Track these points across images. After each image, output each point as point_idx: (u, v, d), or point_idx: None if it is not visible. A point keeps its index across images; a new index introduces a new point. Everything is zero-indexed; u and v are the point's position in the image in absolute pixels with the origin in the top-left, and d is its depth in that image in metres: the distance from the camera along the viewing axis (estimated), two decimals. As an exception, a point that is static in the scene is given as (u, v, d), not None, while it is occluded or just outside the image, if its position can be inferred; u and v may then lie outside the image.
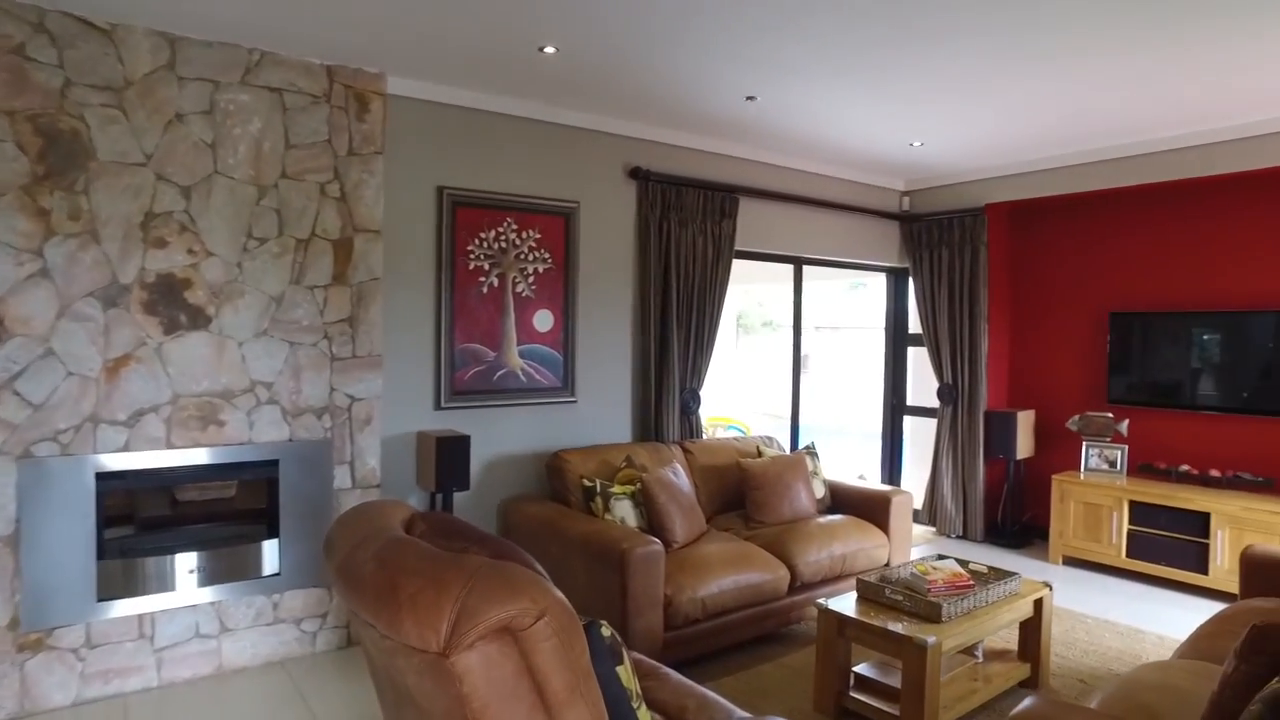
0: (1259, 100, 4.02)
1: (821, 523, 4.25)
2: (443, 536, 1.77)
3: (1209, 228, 5.02)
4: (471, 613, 1.40)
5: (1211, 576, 4.57)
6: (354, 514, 1.90)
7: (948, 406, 5.89)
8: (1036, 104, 4.15)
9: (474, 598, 1.41)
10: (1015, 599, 3.29)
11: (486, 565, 1.50)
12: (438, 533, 1.81)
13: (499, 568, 1.50)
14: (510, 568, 1.51)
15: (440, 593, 1.43)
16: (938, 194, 5.95)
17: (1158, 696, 2.25)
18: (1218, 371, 4.97)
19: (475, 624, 1.39)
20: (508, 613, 1.41)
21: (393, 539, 1.65)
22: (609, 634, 1.87)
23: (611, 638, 1.87)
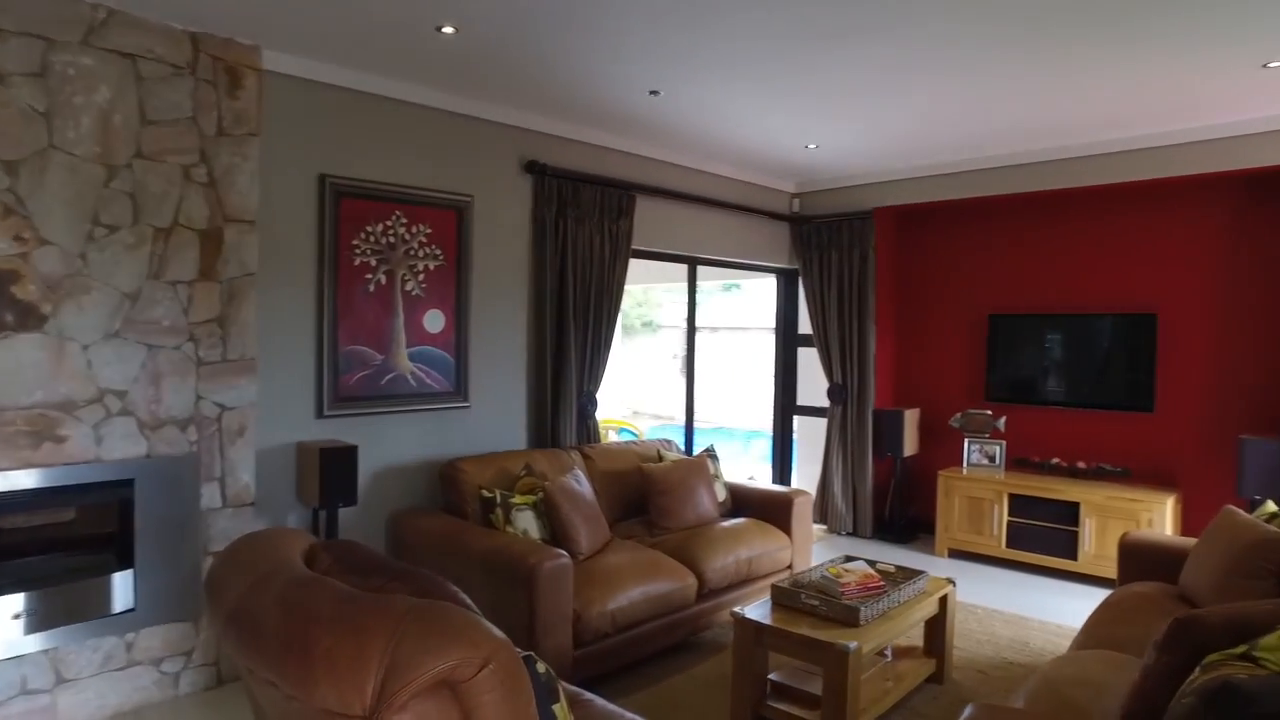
0: (1116, 120, 4.29)
1: (726, 527, 4.19)
2: (355, 572, 1.53)
3: (1075, 235, 5.33)
4: (403, 667, 1.19)
5: (1080, 562, 4.84)
6: (244, 548, 1.63)
7: (838, 406, 6.00)
8: (927, 112, 4.25)
9: (405, 648, 1.20)
10: (924, 597, 3.33)
11: (416, 608, 1.29)
12: (348, 567, 1.56)
13: (431, 610, 1.29)
14: (444, 609, 1.31)
15: (363, 644, 1.21)
16: (827, 197, 6.06)
17: (1080, 691, 2.29)
18: (1079, 370, 5.29)
19: (408, 680, 1.18)
20: (446, 663, 1.21)
21: (297, 578, 1.41)
22: (544, 669, 1.69)
23: (547, 673, 1.70)
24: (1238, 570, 2.85)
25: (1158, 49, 3.35)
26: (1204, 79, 3.68)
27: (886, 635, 3.04)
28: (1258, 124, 4.22)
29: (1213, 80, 3.70)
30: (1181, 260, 4.92)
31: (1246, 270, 4.70)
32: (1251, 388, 4.68)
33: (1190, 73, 3.61)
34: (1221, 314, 4.79)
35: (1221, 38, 3.22)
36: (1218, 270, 4.80)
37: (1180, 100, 3.98)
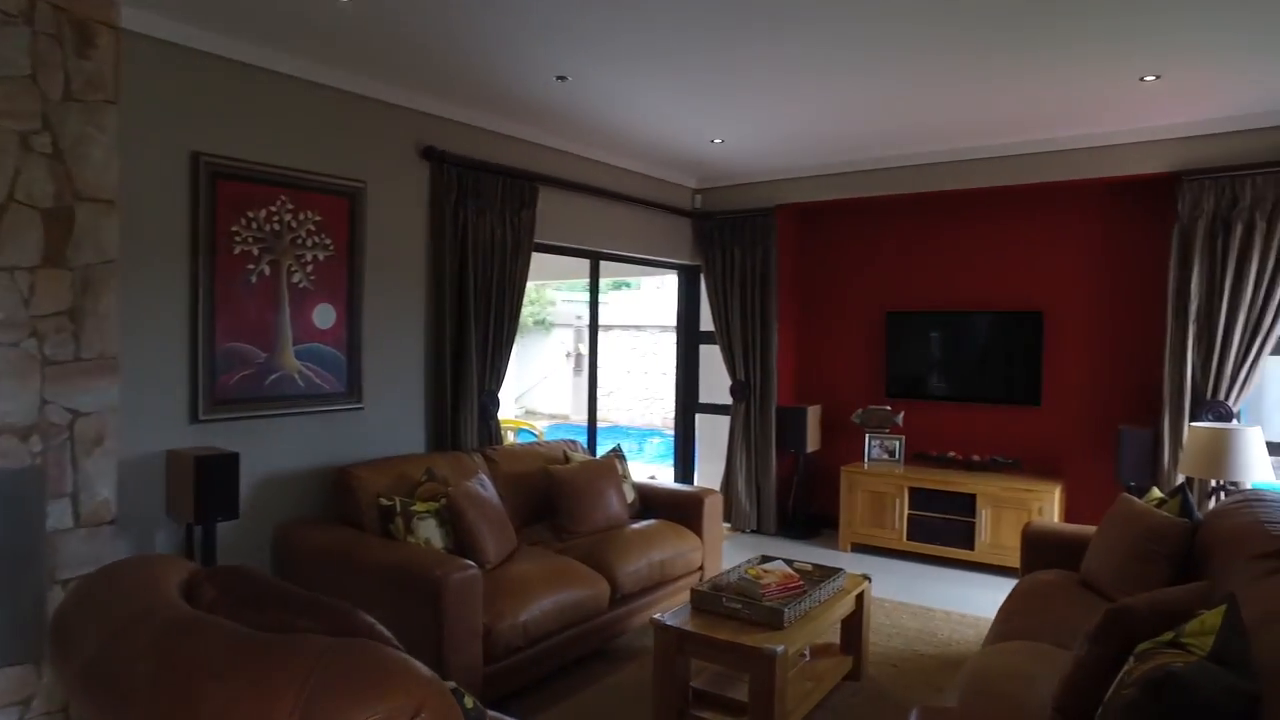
0: (1007, 126, 4.45)
1: (637, 529, 4.07)
2: (250, 606, 1.30)
3: (969, 235, 5.51)
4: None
5: (978, 552, 5.00)
6: (101, 585, 1.36)
7: (741, 403, 5.99)
8: (831, 111, 4.28)
9: (321, 702, 1.00)
10: (843, 595, 3.30)
11: (331, 650, 1.08)
12: (240, 600, 1.32)
13: (350, 652, 1.09)
14: (365, 649, 1.10)
15: (267, 700, 1.00)
16: (730, 193, 6.03)
17: (1011, 684, 2.28)
18: (972, 366, 5.48)
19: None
20: (373, 717, 1.01)
21: (176, 620, 1.17)
22: (471, 703, 1.51)
23: (475, 707, 1.51)
24: (1135, 555, 2.96)
25: (1046, 59, 3.47)
26: (1087, 89, 3.84)
27: (810, 636, 2.99)
28: (1133, 134, 4.45)
29: (1095, 91, 3.86)
30: (1065, 261, 5.16)
31: (1122, 271, 4.97)
32: (1127, 381, 4.95)
33: (1075, 83, 3.75)
34: (1100, 312, 5.06)
35: (1105, 51, 3.36)
36: (1097, 270, 5.06)
37: (1066, 109, 4.15)
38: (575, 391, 13.79)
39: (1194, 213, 4.33)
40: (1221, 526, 2.92)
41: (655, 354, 14.10)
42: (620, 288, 19.84)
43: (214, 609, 1.29)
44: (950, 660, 3.65)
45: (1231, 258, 4.22)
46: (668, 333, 13.94)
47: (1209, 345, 4.31)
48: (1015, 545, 4.82)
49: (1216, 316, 4.27)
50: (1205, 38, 3.18)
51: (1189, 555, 2.92)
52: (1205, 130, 4.28)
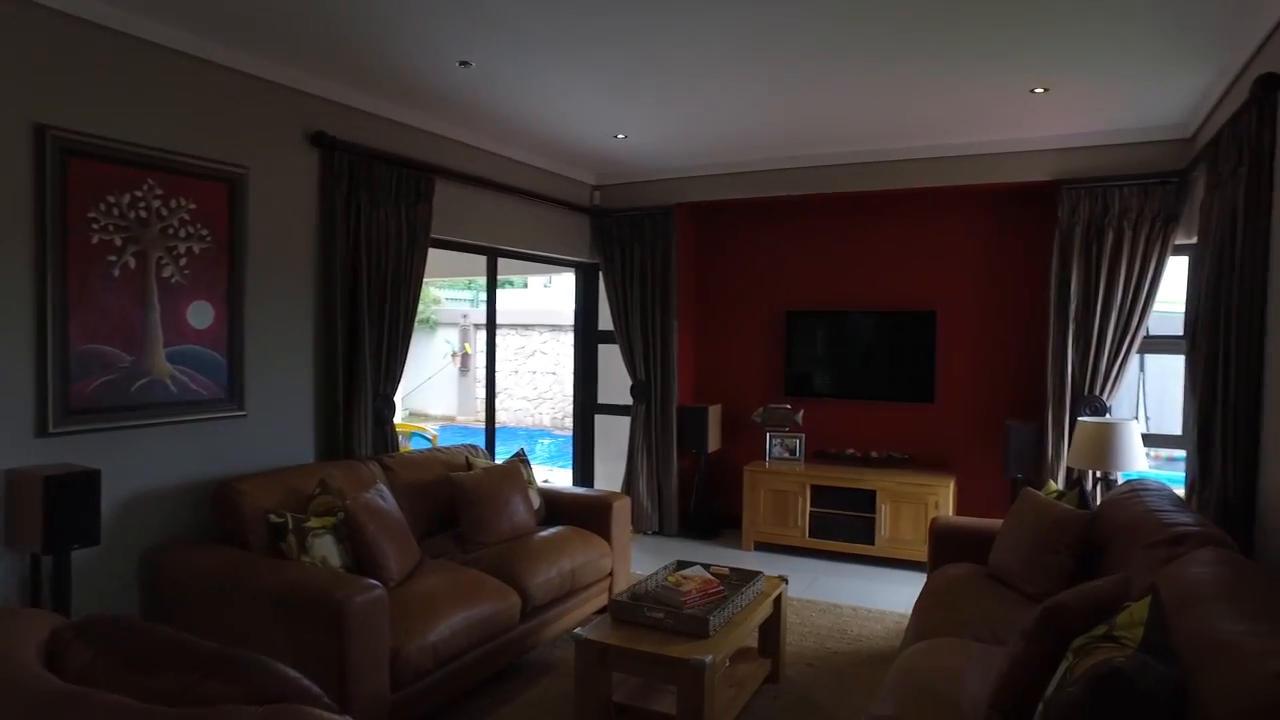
0: (905, 131, 4.57)
1: (545, 537, 3.91)
2: (139, 669, 1.07)
3: (867, 236, 5.65)
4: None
5: (878, 546, 5.12)
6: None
7: (641, 404, 5.91)
8: (735, 111, 4.27)
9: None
10: (763, 599, 3.26)
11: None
12: (126, 662, 1.10)
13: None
14: (300, 716, 0.92)
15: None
16: (629, 190, 5.94)
17: (945, 684, 2.28)
18: (869, 364, 5.62)
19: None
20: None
21: (43, 697, 0.93)
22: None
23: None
24: (1042, 547, 3.06)
25: (945, 69, 3.58)
26: (982, 99, 3.98)
27: (734, 643, 2.93)
28: (1020, 144, 4.67)
29: (989, 100, 4.01)
30: (956, 262, 5.36)
31: (1009, 273, 5.21)
32: (1014, 378, 5.20)
33: (971, 92, 3.88)
34: (989, 312, 5.29)
35: (999, 63, 3.48)
36: (986, 272, 5.29)
37: (961, 117, 4.30)
38: (461, 392, 13.38)
39: (1072, 219, 4.58)
40: (1115, 517, 3.06)
41: (543, 353, 13.90)
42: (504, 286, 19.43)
43: (91, 676, 1.06)
44: (864, 657, 3.69)
45: (1105, 262, 4.49)
46: (556, 332, 13.78)
47: (1086, 344, 4.57)
48: (914, 539, 4.99)
49: (1092, 317, 4.54)
50: (1093, 54, 3.34)
51: (1088, 545, 3.05)
52: (1083, 143, 4.53)
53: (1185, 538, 2.55)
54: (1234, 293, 3.01)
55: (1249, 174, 2.93)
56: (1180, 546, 2.52)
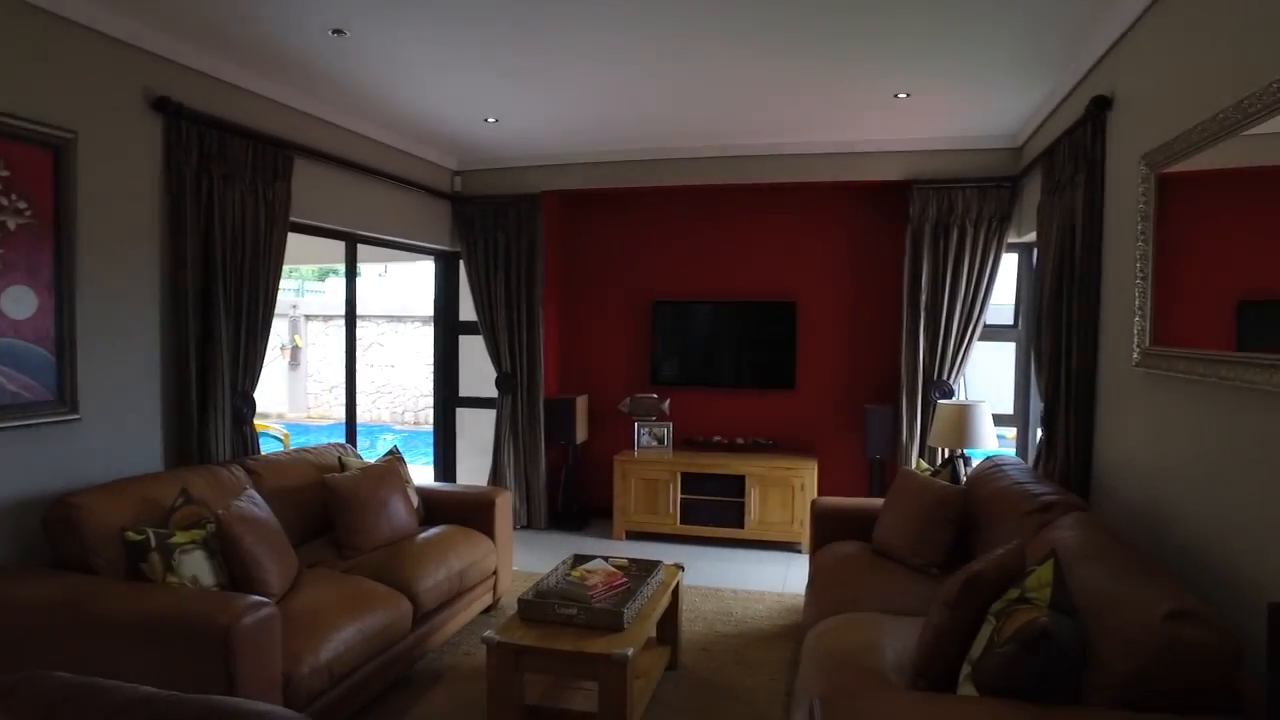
0: (774, 128, 4.74)
1: (429, 538, 3.72)
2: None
3: (732, 228, 5.80)
4: None
5: (747, 530, 5.30)
6: None
7: (507, 396, 5.77)
8: (611, 99, 4.26)
9: None
10: (665, 588, 3.28)
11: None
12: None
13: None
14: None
15: None
16: (493, 177, 5.76)
17: (866, 657, 2.38)
18: (734, 353, 5.80)
19: None
20: None
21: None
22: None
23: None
24: (926, 522, 3.28)
25: (814, 71, 3.75)
26: (848, 101, 4.20)
27: (645, 633, 2.92)
28: (879, 144, 4.98)
29: (855, 103, 4.24)
30: (817, 254, 5.64)
31: (865, 266, 5.55)
32: (871, 364, 5.55)
33: (840, 95, 4.09)
34: (847, 302, 5.60)
35: (867, 69, 3.69)
36: (844, 265, 5.60)
37: (830, 117, 4.52)
38: (292, 388, 12.46)
39: (922, 217, 4.95)
40: (983, 491, 3.35)
41: (380, 345, 13.23)
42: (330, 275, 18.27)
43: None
44: (752, 637, 3.81)
45: (950, 257, 4.89)
46: (395, 323, 13.14)
47: (935, 332, 4.96)
48: (781, 521, 5.21)
49: (940, 307, 4.93)
50: (949, 67, 3.61)
51: (962, 517, 3.31)
52: (932, 146, 4.90)
53: (1052, 505, 2.83)
54: (1074, 288, 3.37)
55: (1085, 181, 3.28)
56: (1049, 513, 2.80)
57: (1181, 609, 1.76)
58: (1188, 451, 2.43)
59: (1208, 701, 1.72)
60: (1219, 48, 2.27)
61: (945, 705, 1.84)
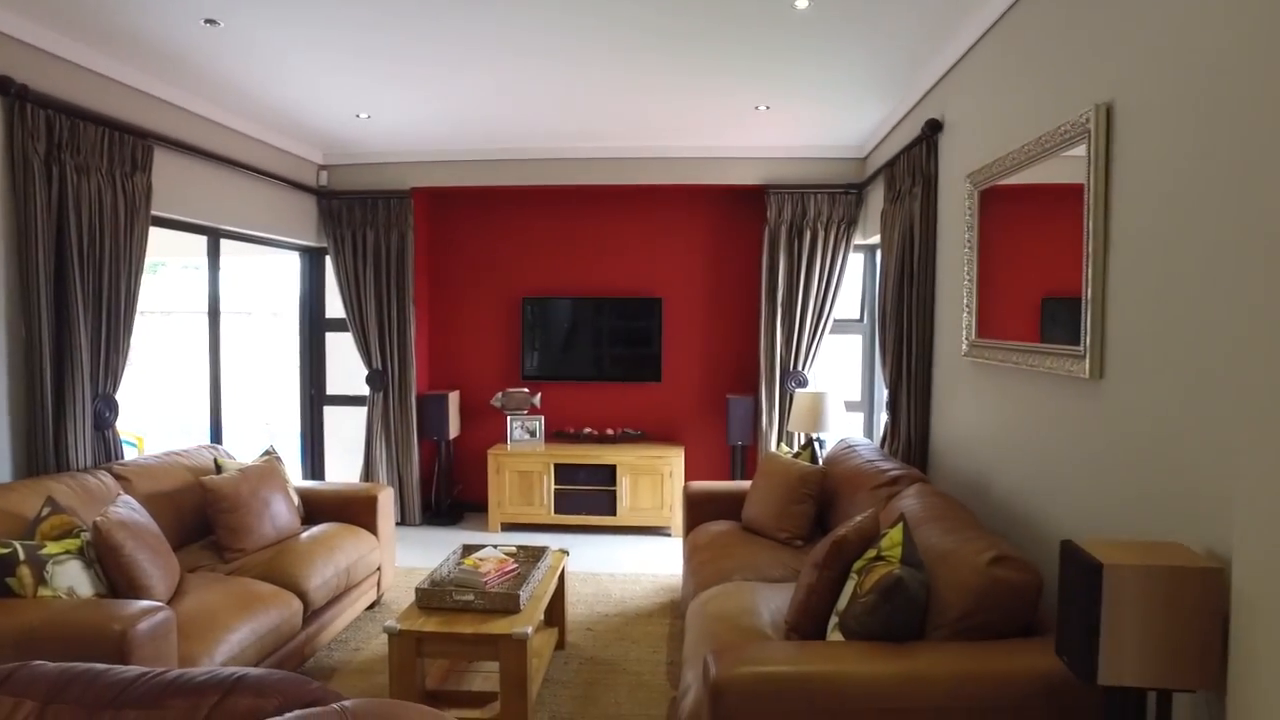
0: (643, 132, 4.98)
1: (314, 536, 3.71)
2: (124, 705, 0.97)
3: (601, 227, 6.00)
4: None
5: (620, 517, 5.54)
6: None
7: (378, 393, 5.72)
8: (486, 98, 4.31)
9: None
10: (554, 572, 3.45)
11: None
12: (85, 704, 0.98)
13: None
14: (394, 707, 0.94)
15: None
16: (362, 172, 5.68)
17: (745, 619, 2.67)
18: (602, 347, 6.01)
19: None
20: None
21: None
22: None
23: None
24: (790, 499, 3.63)
25: (686, 83, 4.00)
26: (713, 108, 4.50)
27: (539, 614, 3.08)
28: (740, 150, 5.34)
29: (721, 113, 4.55)
30: (682, 253, 5.94)
31: (727, 264, 5.91)
32: (733, 356, 5.92)
33: (707, 104, 4.38)
34: (710, 298, 5.94)
35: (733, 83, 4.00)
36: (707, 263, 5.93)
37: (696, 124, 4.80)
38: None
39: (778, 219, 5.36)
40: (839, 469, 3.75)
41: (243, 342, 12.44)
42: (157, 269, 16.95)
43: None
44: (631, 615, 4.05)
45: (804, 257, 5.33)
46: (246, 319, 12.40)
47: (790, 326, 5.39)
48: (652, 507, 5.49)
49: (795, 303, 5.36)
50: (807, 84, 3.97)
51: (822, 493, 3.69)
52: (788, 154, 5.32)
53: (898, 479, 3.24)
54: (913, 287, 3.83)
55: (922, 193, 3.74)
56: (896, 485, 3.20)
57: (1000, 555, 2.14)
58: (1002, 426, 2.88)
59: (1019, 627, 2.11)
60: (1023, 89, 2.70)
61: (819, 648, 2.13)
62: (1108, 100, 2.11)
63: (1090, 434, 2.23)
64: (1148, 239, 1.95)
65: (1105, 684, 1.61)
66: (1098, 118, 2.11)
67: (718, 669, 1.99)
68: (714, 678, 1.97)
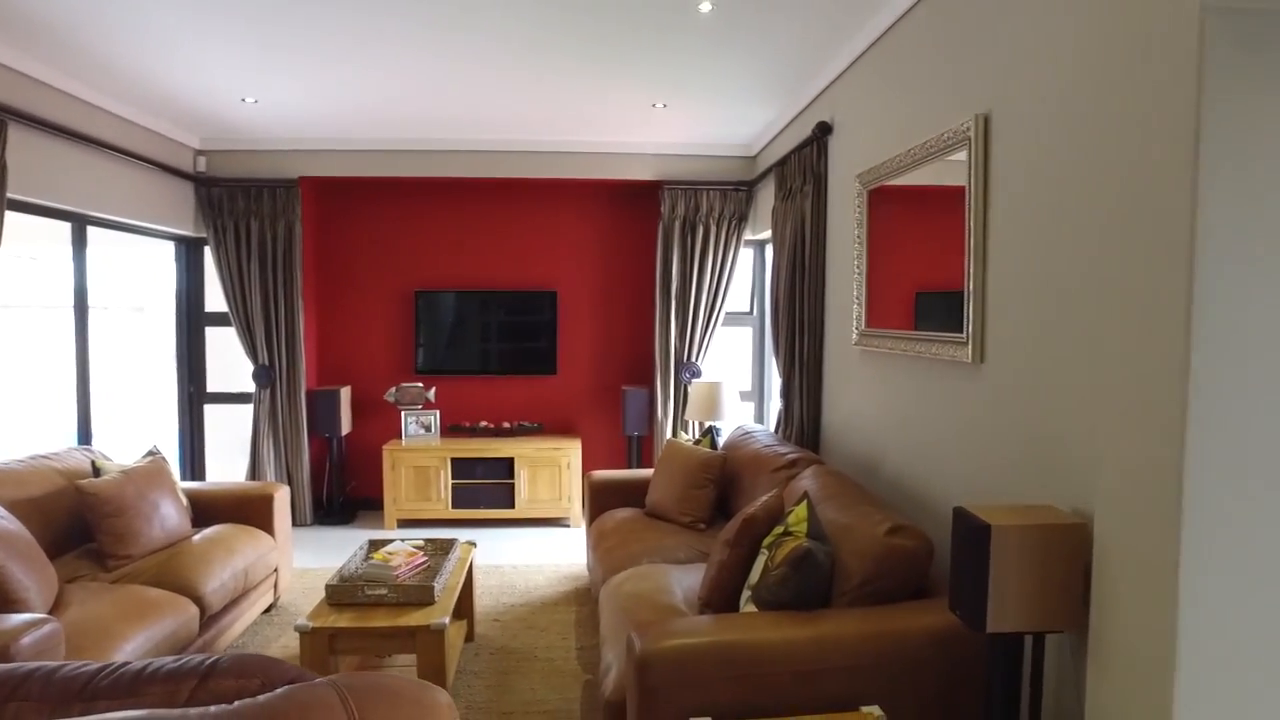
0: (539, 126, 5.02)
1: (208, 538, 3.57)
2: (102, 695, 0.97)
3: (495, 220, 5.97)
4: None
5: (518, 509, 5.56)
6: None
7: (265, 389, 5.50)
8: (379, 85, 4.22)
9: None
10: (463, 564, 3.46)
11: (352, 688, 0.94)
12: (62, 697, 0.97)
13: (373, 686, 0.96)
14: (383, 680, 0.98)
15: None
16: (245, 159, 5.43)
17: (660, 597, 2.78)
18: (497, 341, 6.00)
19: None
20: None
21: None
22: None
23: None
24: (692, 484, 3.78)
25: (588, 80, 4.07)
26: (613, 107, 4.59)
27: (452, 605, 3.09)
28: (636, 147, 5.45)
29: (619, 109, 4.64)
30: (577, 247, 6.00)
31: (622, 257, 6.01)
32: (628, 349, 6.04)
33: (605, 100, 4.47)
34: (605, 291, 6.03)
35: (631, 80, 4.10)
36: (602, 256, 6.01)
37: (593, 120, 4.88)
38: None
39: (672, 214, 5.51)
40: (739, 455, 3.93)
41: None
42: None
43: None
44: (538, 604, 4.10)
45: (697, 251, 5.51)
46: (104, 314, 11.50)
47: (684, 319, 5.56)
48: (550, 498, 5.55)
49: (688, 296, 5.54)
50: (703, 84, 4.13)
51: (722, 477, 3.86)
52: (682, 151, 5.48)
53: (796, 461, 3.44)
54: (805, 281, 4.05)
55: (813, 191, 3.97)
56: (794, 468, 3.40)
57: (895, 525, 2.35)
58: (892, 408, 3.12)
59: (914, 589, 2.33)
60: (909, 97, 2.94)
61: (737, 619, 2.27)
62: (986, 111, 2.34)
63: (973, 413, 2.47)
64: (1019, 236, 2.19)
65: (992, 631, 1.81)
66: (977, 126, 2.34)
67: (642, 644, 2.09)
68: (639, 652, 2.07)
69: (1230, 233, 1.47)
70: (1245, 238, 1.47)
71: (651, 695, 2.03)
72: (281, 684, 1.02)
